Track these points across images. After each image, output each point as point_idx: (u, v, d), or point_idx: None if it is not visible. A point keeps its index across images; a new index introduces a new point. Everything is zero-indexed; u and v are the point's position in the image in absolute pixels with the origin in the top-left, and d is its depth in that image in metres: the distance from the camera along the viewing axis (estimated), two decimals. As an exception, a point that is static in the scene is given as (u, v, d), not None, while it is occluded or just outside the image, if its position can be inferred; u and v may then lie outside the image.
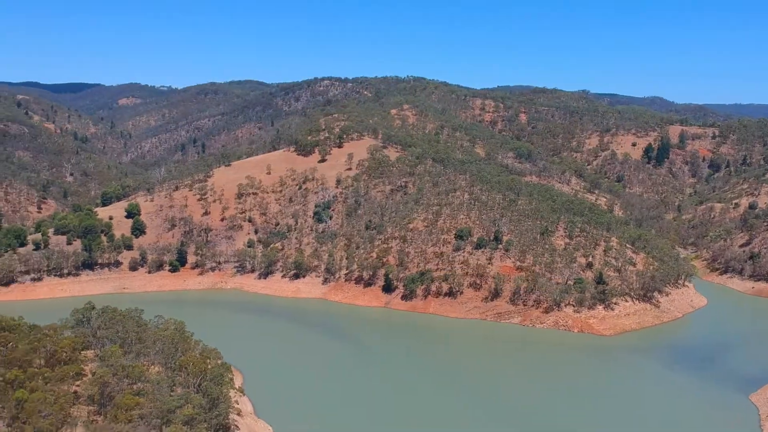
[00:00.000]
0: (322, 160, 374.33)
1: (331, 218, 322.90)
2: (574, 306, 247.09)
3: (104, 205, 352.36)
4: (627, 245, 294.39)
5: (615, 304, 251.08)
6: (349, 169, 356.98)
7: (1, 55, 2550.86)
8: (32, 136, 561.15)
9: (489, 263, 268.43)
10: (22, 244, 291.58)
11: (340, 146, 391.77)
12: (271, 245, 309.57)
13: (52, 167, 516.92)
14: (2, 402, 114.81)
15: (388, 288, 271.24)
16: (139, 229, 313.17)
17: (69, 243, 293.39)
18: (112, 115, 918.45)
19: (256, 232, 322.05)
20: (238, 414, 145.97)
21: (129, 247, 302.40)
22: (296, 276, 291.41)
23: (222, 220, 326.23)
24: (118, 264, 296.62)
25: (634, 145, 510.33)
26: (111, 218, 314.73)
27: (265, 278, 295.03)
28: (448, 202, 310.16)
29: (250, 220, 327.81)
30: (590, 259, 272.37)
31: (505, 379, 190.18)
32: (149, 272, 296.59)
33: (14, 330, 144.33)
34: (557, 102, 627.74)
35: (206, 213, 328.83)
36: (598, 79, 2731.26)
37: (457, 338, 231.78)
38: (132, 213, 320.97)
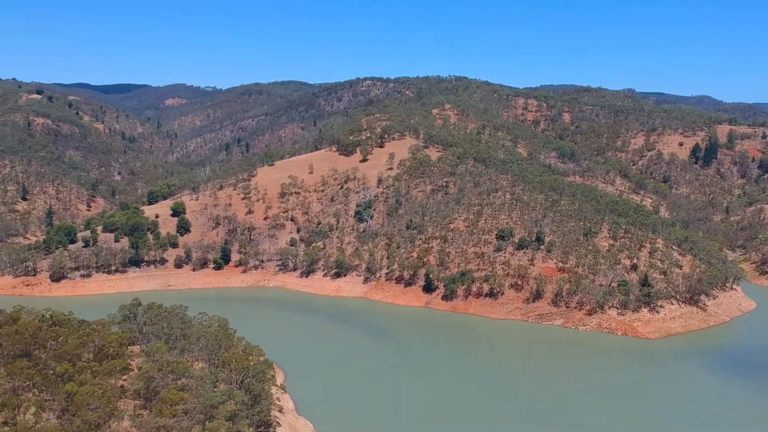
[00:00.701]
0: (364, 160, 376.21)
1: (372, 218, 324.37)
2: (617, 308, 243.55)
3: (150, 203, 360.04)
4: (673, 247, 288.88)
5: (660, 307, 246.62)
6: (391, 168, 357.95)
7: (55, 57, 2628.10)
8: (82, 135, 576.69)
9: (530, 264, 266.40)
10: (73, 241, 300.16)
11: (381, 146, 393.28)
12: (313, 244, 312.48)
13: (100, 166, 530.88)
14: (53, 394, 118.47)
15: (428, 288, 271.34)
16: (184, 228, 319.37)
17: (117, 240, 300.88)
18: (159, 115, 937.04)
19: (298, 231, 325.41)
20: (280, 411, 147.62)
21: (174, 245, 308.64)
22: (337, 275, 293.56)
23: (265, 218, 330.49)
24: (163, 261, 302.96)
25: (681, 144, 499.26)
26: (157, 216, 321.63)
27: (306, 277, 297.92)
28: (490, 202, 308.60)
29: (292, 219, 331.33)
30: (635, 260, 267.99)
31: (547, 382, 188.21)
32: (194, 270, 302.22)
33: (64, 325, 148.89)
34: (602, 101, 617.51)
35: (250, 212, 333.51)
36: (645, 77, 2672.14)
37: (497, 339, 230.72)
38: (177, 211, 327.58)
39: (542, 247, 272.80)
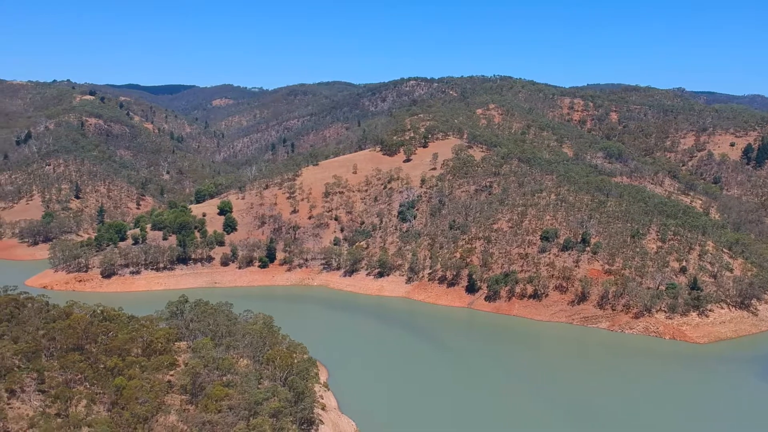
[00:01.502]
0: (407, 160, 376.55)
1: (415, 217, 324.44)
2: (665, 312, 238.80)
3: (198, 202, 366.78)
4: (723, 250, 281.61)
5: (710, 311, 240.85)
6: (434, 168, 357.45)
7: (106, 59, 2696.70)
8: (133, 135, 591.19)
9: (576, 266, 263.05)
10: (123, 239, 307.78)
11: (425, 146, 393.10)
12: (356, 243, 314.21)
13: (150, 165, 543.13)
14: (103, 388, 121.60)
15: (471, 288, 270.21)
16: (230, 226, 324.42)
17: (165, 238, 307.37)
18: (206, 116, 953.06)
19: (341, 230, 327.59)
20: (323, 408, 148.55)
21: (221, 243, 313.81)
22: (380, 274, 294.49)
23: (309, 218, 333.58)
24: (210, 259, 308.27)
25: (732, 145, 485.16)
26: (204, 215, 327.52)
27: (350, 276, 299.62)
28: (534, 202, 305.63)
29: (336, 219, 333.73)
30: (684, 263, 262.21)
31: (592, 385, 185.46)
32: (239, 268, 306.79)
33: (114, 320, 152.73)
34: (650, 100, 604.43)
35: (294, 211, 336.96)
36: (695, 76, 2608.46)
37: (542, 341, 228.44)
38: (224, 210, 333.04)
39: (588, 248, 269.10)
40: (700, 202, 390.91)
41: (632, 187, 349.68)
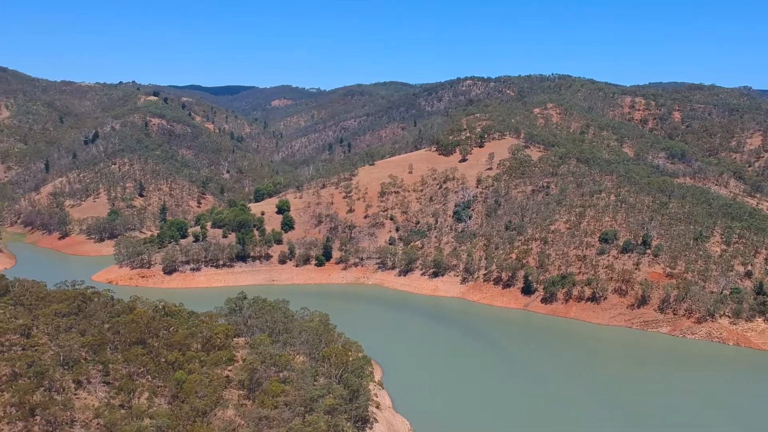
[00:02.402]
0: (463, 160, 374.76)
1: (470, 218, 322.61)
2: (729, 317, 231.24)
3: (257, 201, 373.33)
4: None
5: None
6: (490, 168, 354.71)
7: (170, 61, 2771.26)
8: (194, 135, 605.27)
9: (636, 268, 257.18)
10: (184, 236, 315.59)
11: (481, 146, 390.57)
12: (411, 243, 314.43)
13: (210, 165, 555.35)
14: (164, 381, 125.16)
15: (527, 290, 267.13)
16: (288, 225, 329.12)
17: (224, 236, 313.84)
18: (266, 116, 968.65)
19: (397, 229, 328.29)
20: (377, 407, 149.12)
21: (279, 242, 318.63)
22: (435, 274, 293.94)
23: (365, 217, 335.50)
24: (268, 257, 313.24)
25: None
26: (263, 213, 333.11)
27: (404, 275, 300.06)
28: (593, 203, 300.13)
29: (391, 218, 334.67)
30: (749, 267, 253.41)
31: (651, 392, 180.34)
32: (296, 266, 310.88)
33: (175, 316, 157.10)
34: (715, 99, 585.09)
35: (351, 210, 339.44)
36: (763, 75, 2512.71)
37: (599, 345, 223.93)
38: (282, 209, 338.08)
39: (649, 251, 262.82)
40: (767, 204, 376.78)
41: (696, 189, 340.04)
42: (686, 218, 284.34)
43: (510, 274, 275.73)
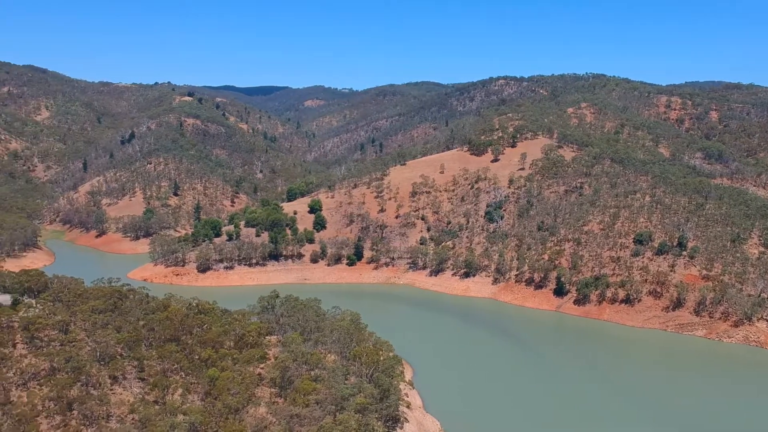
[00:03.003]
0: (495, 160, 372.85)
1: (502, 218, 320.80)
2: (767, 321, 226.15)
3: (289, 200, 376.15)
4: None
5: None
6: (522, 168, 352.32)
7: (205, 62, 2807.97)
8: (228, 135, 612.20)
9: (671, 270, 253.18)
10: (218, 235, 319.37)
11: (513, 146, 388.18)
12: (443, 243, 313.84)
13: (244, 164, 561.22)
14: (197, 378, 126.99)
15: (559, 291, 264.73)
16: (320, 224, 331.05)
17: (257, 235, 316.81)
18: (298, 116, 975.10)
19: (428, 229, 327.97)
20: (408, 407, 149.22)
21: (311, 241, 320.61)
22: (466, 275, 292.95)
23: (396, 217, 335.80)
24: (300, 256, 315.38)
25: None
26: (295, 213, 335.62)
27: (435, 275, 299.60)
28: (627, 204, 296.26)
29: (423, 218, 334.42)
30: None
31: (685, 396, 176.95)
32: (328, 265, 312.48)
33: (209, 313, 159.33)
34: (754, 99, 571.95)
35: (382, 210, 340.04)
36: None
37: (633, 348, 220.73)
38: (314, 208, 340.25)
39: (684, 252, 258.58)
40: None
41: (733, 190, 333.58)
42: (723, 220, 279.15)
43: (542, 275, 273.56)
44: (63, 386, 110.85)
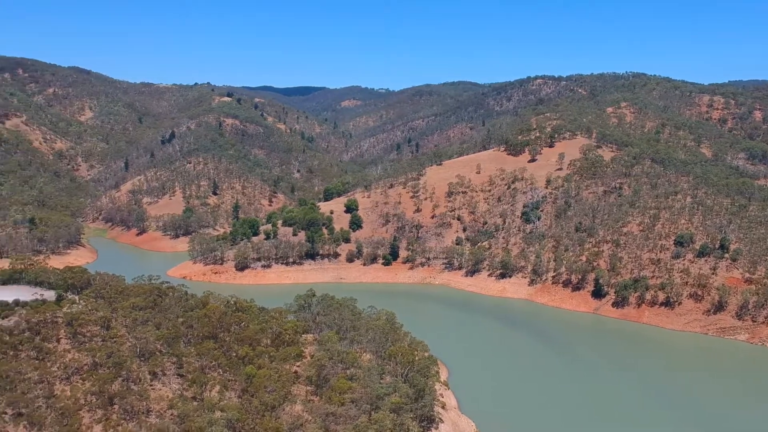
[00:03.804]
0: (532, 160, 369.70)
1: (539, 219, 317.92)
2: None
3: (326, 200, 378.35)
4: None
5: None
6: (560, 169, 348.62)
7: (243, 63, 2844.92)
8: (266, 135, 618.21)
9: (713, 273, 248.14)
10: (255, 234, 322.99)
11: (551, 146, 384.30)
12: (479, 244, 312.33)
13: (282, 164, 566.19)
14: (234, 375, 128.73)
15: (597, 293, 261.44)
16: (356, 224, 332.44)
17: (294, 234, 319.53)
18: (335, 116, 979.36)
19: (464, 230, 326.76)
20: (443, 407, 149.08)
21: (347, 240, 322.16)
22: (502, 275, 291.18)
23: (432, 217, 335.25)
24: (336, 255, 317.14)
25: None
26: (332, 212, 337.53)
27: (471, 276, 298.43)
28: (668, 205, 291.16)
29: (458, 219, 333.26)
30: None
31: (728, 403, 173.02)
32: (364, 264, 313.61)
33: (246, 311, 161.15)
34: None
35: (418, 210, 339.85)
36: None
37: (673, 352, 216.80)
38: (350, 208, 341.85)
39: (726, 255, 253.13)
40: None
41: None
42: (767, 221, 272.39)
43: (580, 277, 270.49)
44: (104, 381, 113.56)
